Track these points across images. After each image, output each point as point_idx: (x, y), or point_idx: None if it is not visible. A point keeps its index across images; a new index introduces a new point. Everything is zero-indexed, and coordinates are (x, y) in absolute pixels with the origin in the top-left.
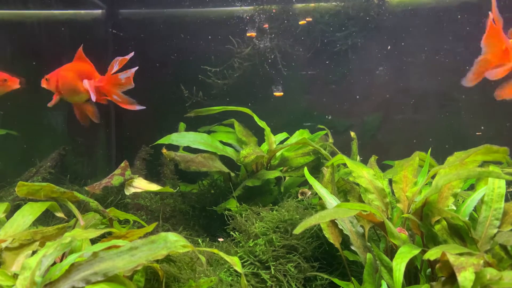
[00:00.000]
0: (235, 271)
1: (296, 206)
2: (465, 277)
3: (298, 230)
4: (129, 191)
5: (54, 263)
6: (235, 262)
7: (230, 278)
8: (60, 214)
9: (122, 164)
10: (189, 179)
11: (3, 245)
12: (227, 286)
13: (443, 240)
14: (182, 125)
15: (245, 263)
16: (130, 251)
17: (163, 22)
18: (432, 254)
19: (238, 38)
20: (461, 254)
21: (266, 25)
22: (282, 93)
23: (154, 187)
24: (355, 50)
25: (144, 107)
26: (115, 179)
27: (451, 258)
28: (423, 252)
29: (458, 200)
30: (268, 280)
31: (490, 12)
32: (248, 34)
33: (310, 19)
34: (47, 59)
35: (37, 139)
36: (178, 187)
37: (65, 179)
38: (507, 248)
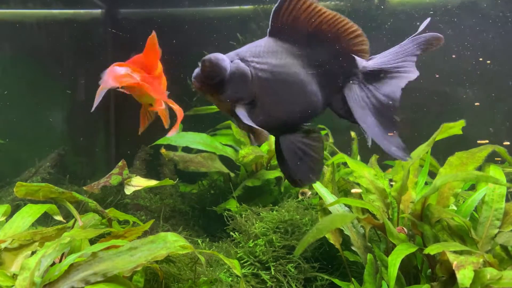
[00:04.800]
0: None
1: (296, 206)
2: (464, 274)
3: (298, 252)
4: (129, 190)
5: (54, 263)
6: (234, 265)
7: (230, 278)
8: (59, 218)
9: (120, 163)
10: (189, 179)
11: (3, 245)
12: (227, 286)
13: (444, 240)
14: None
15: (245, 264)
16: (129, 251)
17: (163, 22)
18: (433, 249)
19: (238, 38)
20: (461, 253)
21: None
22: None
23: (153, 182)
24: None
25: None
26: (113, 178)
27: (451, 257)
28: (422, 251)
29: (459, 200)
30: (268, 281)
31: None
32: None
33: None
34: (46, 59)
35: (37, 139)
36: (177, 179)
37: (64, 179)
38: (508, 249)
